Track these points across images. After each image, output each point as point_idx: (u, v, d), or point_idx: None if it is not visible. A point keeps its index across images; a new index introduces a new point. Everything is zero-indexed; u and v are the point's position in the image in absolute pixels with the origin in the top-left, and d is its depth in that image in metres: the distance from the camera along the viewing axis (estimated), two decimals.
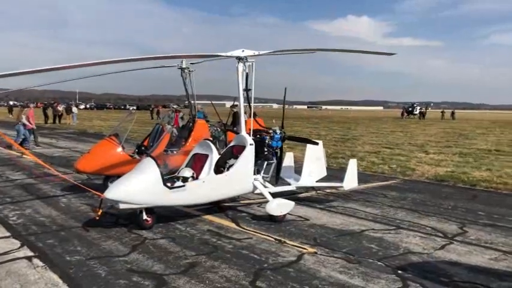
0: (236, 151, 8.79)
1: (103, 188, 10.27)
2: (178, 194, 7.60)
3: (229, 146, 8.99)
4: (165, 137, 11.03)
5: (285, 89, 9.79)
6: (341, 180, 9.82)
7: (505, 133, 38.90)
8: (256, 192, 8.91)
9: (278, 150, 9.38)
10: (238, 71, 8.70)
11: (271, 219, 8.22)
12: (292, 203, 8.56)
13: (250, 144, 8.66)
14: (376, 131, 39.69)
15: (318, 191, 10.94)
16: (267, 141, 9.03)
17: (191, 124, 11.79)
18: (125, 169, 10.33)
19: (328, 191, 11.06)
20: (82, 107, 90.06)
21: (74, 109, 44.88)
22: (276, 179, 9.54)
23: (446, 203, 10.07)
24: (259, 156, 8.90)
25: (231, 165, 8.42)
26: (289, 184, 9.84)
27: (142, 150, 11.00)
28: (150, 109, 70.44)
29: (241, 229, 7.74)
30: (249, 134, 8.85)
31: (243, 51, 8.65)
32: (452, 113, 76.29)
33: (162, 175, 7.48)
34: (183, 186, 7.65)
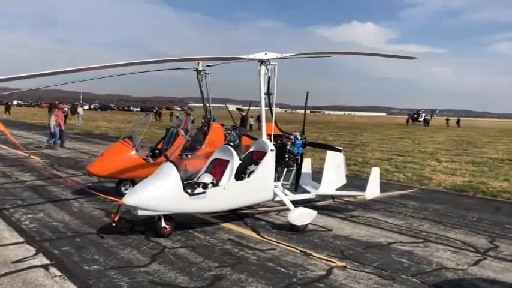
0: (256, 157, 8.47)
1: (115, 192, 10.05)
2: (198, 201, 7.29)
3: (249, 151, 8.67)
4: (180, 140, 10.76)
5: (307, 93, 9.48)
6: (359, 188, 9.50)
7: (490, 139, 38.61)
8: (275, 200, 8.60)
9: (299, 157, 9.06)
10: (260, 74, 8.40)
11: (292, 229, 7.90)
12: (315, 212, 8.24)
13: (271, 150, 8.34)
14: (383, 137, 39.35)
15: (335, 199, 10.63)
16: (288, 147, 8.71)
17: (206, 128, 11.49)
18: (139, 173, 10.07)
19: (346, 199, 10.74)
20: (86, 107, 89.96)
21: (80, 110, 44.65)
22: (296, 187, 9.21)
23: (470, 215, 9.73)
24: (279, 163, 8.59)
25: (251, 172, 8.10)
26: (308, 192, 9.51)
27: (156, 154, 10.70)
28: (154, 111, 70.15)
29: (262, 239, 7.42)
30: (270, 139, 8.54)
31: (265, 53, 8.35)
32: (458, 121, 75.90)
33: (183, 181, 7.18)
34: (204, 192, 7.34)
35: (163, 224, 7.21)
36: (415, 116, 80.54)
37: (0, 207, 8.87)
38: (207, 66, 11.36)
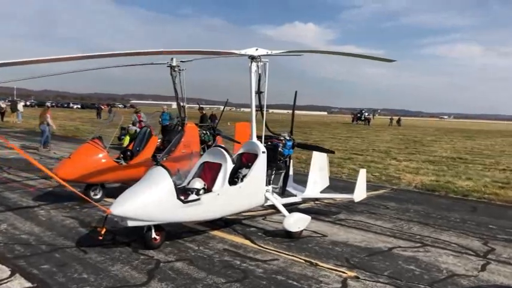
0: (246, 159, 7.97)
1: (84, 199, 9.19)
2: (192, 209, 6.69)
3: (238, 153, 8.13)
4: (154, 140, 10.05)
5: (295, 92, 9.07)
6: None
7: (455, 140, 40.17)
8: (265, 205, 8.14)
9: (287, 159, 8.64)
10: (251, 71, 7.88)
11: (288, 235, 7.46)
12: (309, 217, 7.86)
13: (263, 152, 7.87)
14: (333, 136, 39.79)
15: (316, 202, 10.31)
16: (280, 149, 8.26)
17: (181, 128, 10.80)
18: (110, 177, 9.29)
19: (326, 201, 10.45)
20: (22, 104, 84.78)
21: (20, 106, 41.89)
22: (283, 190, 8.78)
23: (452, 216, 9.72)
24: (270, 166, 8.12)
25: (244, 176, 7.58)
26: (294, 195, 9.11)
27: (128, 156, 9.91)
28: (97, 108, 66.92)
29: (259, 248, 6.93)
30: (261, 140, 8.07)
31: (256, 49, 7.84)
32: (399, 120, 78.54)
33: (176, 187, 6.54)
34: (198, 199, 6.74)
35: (154, 234, 6.54)
36: (359, 115, 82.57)
37: None
38: (181, 61, 10.67)
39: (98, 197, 9.55)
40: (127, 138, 20.63)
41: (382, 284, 5.66)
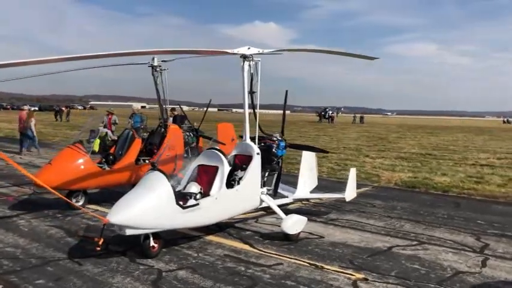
0: (240, 161, 7.77)
1: (67, 207, 8.79)
2: (192, 214, 6.44)
3: (231, 154, 7.91)
4: (138, 144, 9.70)
5: (286, 91, 8.95)
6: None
7: (418, 137, 41.02)
8: (259, 207, 7.97)
9: (280, 160, 8.49)
10: (243, 70, 7.69)
11: (286, 238, 7.31)
12: (305, 218, 7.74)
13: (257, 154, 7.69)
14: (302, 134, 39.94)
15: (304, 202, 10.21)
16: (273, 150, 8.10)
17: (164, 130, 10.48)
18: (94, 182, 8.92)
19: (313, 201, 10.36)
20: None
21: None
22: (275, 192, 8.62)
23: (439, 212, 9.83)
24: (265, 167, 7.95)
25: (240, 178, 7.38)
26: (286, 196, 8.98)
27: (110, 160, 9.51)
28: (56, 110, 64.38)
29: (260, 252, 6.75)
30: (254, 141, 7.89)
31: (248, 48, 7.66)
32: (362, 118, 79.85)
33: (175, 192, 6.28)
34: (197, 204, 6.49)
35: (152, 243, 6.25)
36: (323, 113, 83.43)
37: None
38: (162, 61, 10.37)
39: (80, 203, 9.10)
40: (97, 142, 19.95)
41: (393, 285, 5.60)
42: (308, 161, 9.44)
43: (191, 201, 6.49)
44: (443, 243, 7.51)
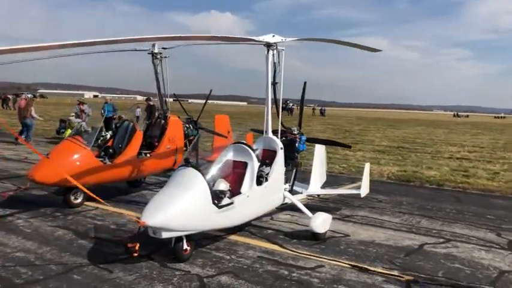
0: (263, 156, 7.32)
1: (65, 205, 8.11)
2: (227, 214, 5.98)
3: (258, 149, 7.43)
4: (139, 136, 9.07)
5: (304, 83, 8.54)
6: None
7: (381, 130, 41.66)
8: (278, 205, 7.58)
9: (298, 155, 8.12)
10: (267, 59, 7.24)
11: (314, 237, 6.97)
12: (331, 216, 7.42)
13: (281, 148, 7.30)
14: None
15: (309, 197, 9.89)
16: (296, 145, 7.71)
17: (163, 121, 9.86)
18: (96, 178, 8.24)
19: (321, 197, 10.06)
20: None
21: None
22: (291, 188, 8.23)
23: (446, 207, 9.77)
24: (287, 162, 7.55)
25: (267, 174, 6.94)
26: (300, 192, 8.62)
27: (110, 153, 8.82)
28: (2, 98, 60.42)
29: (294, 253, 6.38)
30: (277, 135, 7.48)
31: (273, 36, 7.21)
32: (323, 110, 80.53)
33: (211, 191, 5.78)
34: (232, 203, 6.02)
35: (185, 245, 5.74)
36: (284, 105, 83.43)
37: None
38: (162, 48, 9.74)
39: (78, 201, 8.42)
40: (68, 132, 18.90)
41: (446, 287, 5.37)
42: (320, 156, 9.13)
43: (225, 200, 6.01)
44: (468, 240, 7.39)
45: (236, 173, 6.65)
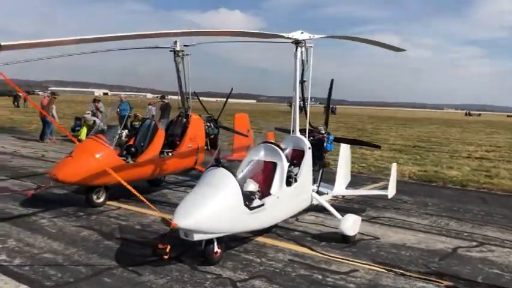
0: (290, 156, 7.14)
1: (87, 204, 8.02)
2: (258, 215, 5.82)
3: (287, 149, 7.25)
4: (161, 135, 8.93)
5: (332, 80, 8.35)
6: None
7: (394, 128, 41.26)
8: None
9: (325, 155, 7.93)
10: (296, 57, 7.06)
11: (344, 240, 6.78)
12: (360, 218, 7.22)
13: (309, 148, 7.12)
14: (280, 125, 39.34)
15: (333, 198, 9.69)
16: (325, 144, 7.53)
17: (185, 120, 9.71)
18: (118, 176, 8.03)
19: (341, 198, 9.86)
20: None
21: None
22: (317, 189, 8.03)
23: (473, 208, 9.53)
24: (315, 163, 7.36)
25: (295, 175, 6.76)
26: (326, 193, 8.42)
27: (133, 152, 8.68)
28: (14, 95, 60.17)
29: (326, 256, 6.19)
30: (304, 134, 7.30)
31: (302, 33, 7.03)
32: (334, 108, 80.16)
33: (243, 192, 5.61)
34: (263, 205, 5.86)
35: (216, 248, 5.58)
36: (289, 105, 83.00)
37: None
38: (184, 46, 9.58)
39: (101, 200, 8.31)
40: (84, 130, 18.88)
41: None
42: (345, 156, 8.94)
43: (256, 202, 5.84)
44: (502, 243, 7.16)
45: (265, 174, 6.47)
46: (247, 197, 5.79)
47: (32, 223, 7.16)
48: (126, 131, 9.31)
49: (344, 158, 8.88)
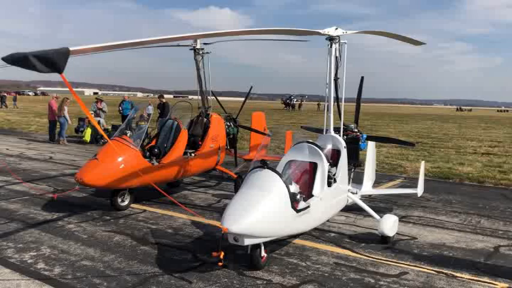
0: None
1: (112, 207, 7.81)
2: (304, 218, 5.65)
3: (327, 149, 7.07)
4: (184, 135, 8.72)
5: (362, 78, 8.20)
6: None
7: (391, 125, 41.25)
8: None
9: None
10: (330, 53, 6.89)
11: (383, 240, 6.64)
12: (397, 218, 7.08)
13: (344, 147, 6.96)
14: (277, 122, 39.39)
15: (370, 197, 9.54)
16: (360, 143, 7.38)
17: (206, 120, 9.50)
18: (144, 179, 7.84)
19: (367, 197, 9.71)
20: None
21: None
22: None
23: (499, 206, 9.43)
24: (349, 162, 7.20)
25: (333, 175, 6.59)
26: (355, 193, 8.26)
27: (156, 153, 8.45)
28: (3, 95, 58.91)
29: (371, 258, 6.02)
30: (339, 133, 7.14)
31: (336, 28, 6.86)
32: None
33: (290, 194, 5.43)
34: (308, 207, 5.68)
35: (263, 252, 5.40)
36: (288, 100, 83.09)
37: None
38: (204, 44, 9.38)
39: (125, 203, 8.09)
40: (88, 131, 18.56)
41: None
42: (372, 154, 8.78)
43: (302, 204, 5.66)
44: None
45: (307, 174, 6.29)
46: (293, 199, 5.61)
47: (60, 228, 6.92)
48: (129, 131, 9.01)
49: (371, 156, 8.73)
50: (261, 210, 5.12)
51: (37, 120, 30.40)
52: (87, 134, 18.35)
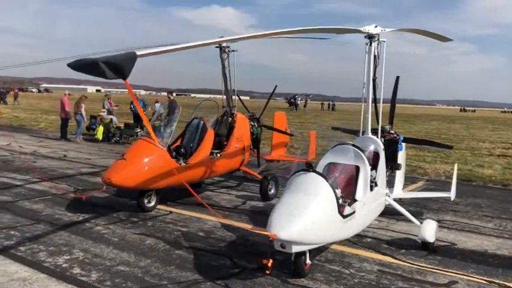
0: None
1: (138, 208, 7.60)
2: (349, 224, 5.43)
3: (368, 151, 6.83)
4: (211, 135, 8.51)
5: (397, 77, 7.97)
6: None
7: (399, 125, 40.56)
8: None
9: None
10: (369, 52, 6.66)
11: (424, 247, 6.41)
12: (437, 223, 6.84)
13: (383, 150, 6.73)
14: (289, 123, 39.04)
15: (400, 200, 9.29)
16: (398, 145, 7.15)
17: (231, 119, 9.27)
18: (172, 179, 7.62)
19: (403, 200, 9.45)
20: None
21: None
22: None
23: None
24: (387, 165, 6.97)
25: (374, 178, 6.36)
26: (388, 197, 8.02)
27: (183, 154, 8.23)
28: (2, 92, 57.19)
29: (416, 266, 5.79)
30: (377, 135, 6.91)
31: (375, 26, 6.62)
32: (333, 105, 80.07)
33: (337, 200, 5.20)
34: (354, 212, 5.46)
35: (307, 259, 5.18)
36: (292, 100, 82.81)
37: (5, 244, 5.91)
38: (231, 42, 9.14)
39: (152, 204, 7.89)
40: (100, 129, 18.34)
41: None
42: (403, 156, 8.53)
43: (348, 209, 5.44)
44: None
45: (349, 178, 6.04)
46: (340, 205, 5.38)
47: (88, 230, 6.71)
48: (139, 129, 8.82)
49: (402, 158, 8.49)
50: (310, 216, 4.89)
51: (45, 117, 30.16)
52: (99, 132, 18.14)
